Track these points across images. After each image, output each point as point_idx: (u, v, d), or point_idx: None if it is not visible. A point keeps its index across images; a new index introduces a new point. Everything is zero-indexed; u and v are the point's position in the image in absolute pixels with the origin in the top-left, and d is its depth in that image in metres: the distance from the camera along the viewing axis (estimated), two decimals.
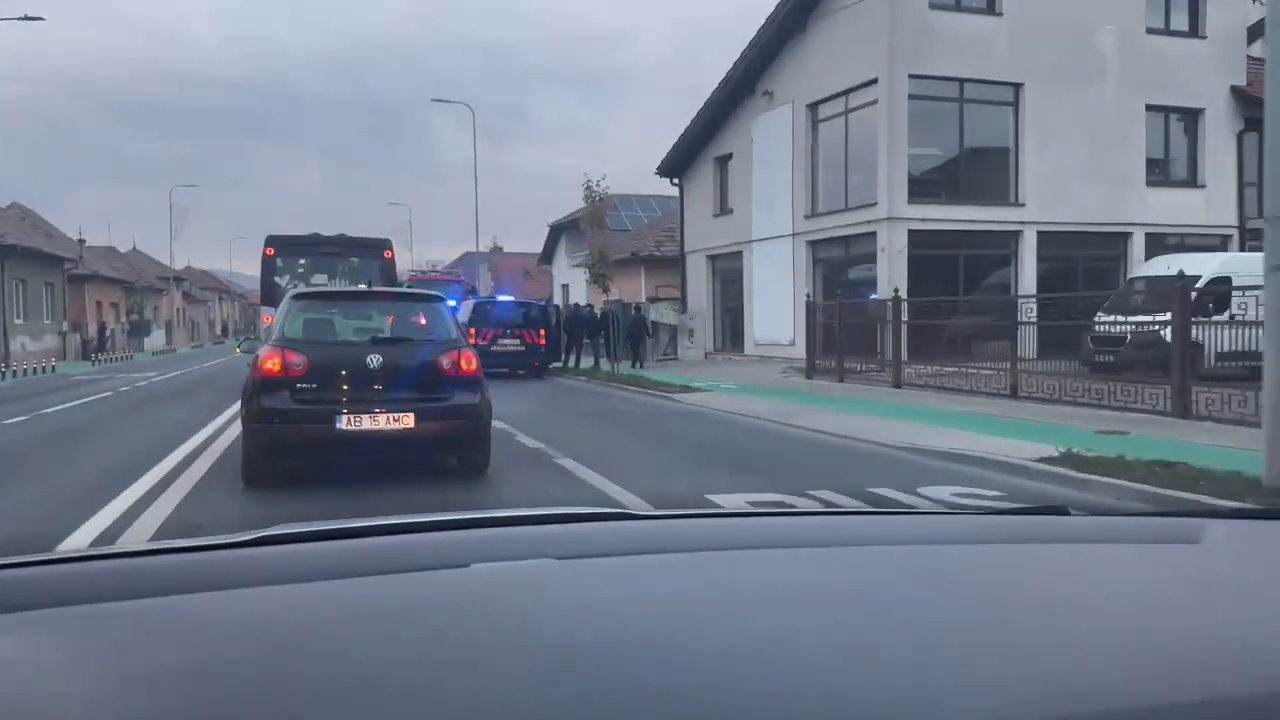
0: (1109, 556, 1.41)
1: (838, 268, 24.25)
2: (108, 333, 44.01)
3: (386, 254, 20.42)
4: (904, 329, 18.03)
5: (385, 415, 7.55)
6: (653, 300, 31.55)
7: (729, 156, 28.21)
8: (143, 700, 0.83)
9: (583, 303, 29.07)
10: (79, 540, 6.12)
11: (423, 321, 8.54)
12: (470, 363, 8.10)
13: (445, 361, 7.92)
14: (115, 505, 7.20)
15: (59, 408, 16.98)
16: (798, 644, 0.99)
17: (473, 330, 24.11)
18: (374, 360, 7.73)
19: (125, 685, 0.85)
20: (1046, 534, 1.57)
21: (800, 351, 24.46)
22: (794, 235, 24.84)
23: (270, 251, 19.96)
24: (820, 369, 20.81)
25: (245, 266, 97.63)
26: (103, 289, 52.39)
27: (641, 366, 27.44)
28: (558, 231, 49.24)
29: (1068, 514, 1.77)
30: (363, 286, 13.96)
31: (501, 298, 28.01)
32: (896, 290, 17.89)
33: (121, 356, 44.80)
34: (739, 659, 0.95)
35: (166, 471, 8.76)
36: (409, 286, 36.64)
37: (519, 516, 1.60)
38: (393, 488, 7.75)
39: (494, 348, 24.68)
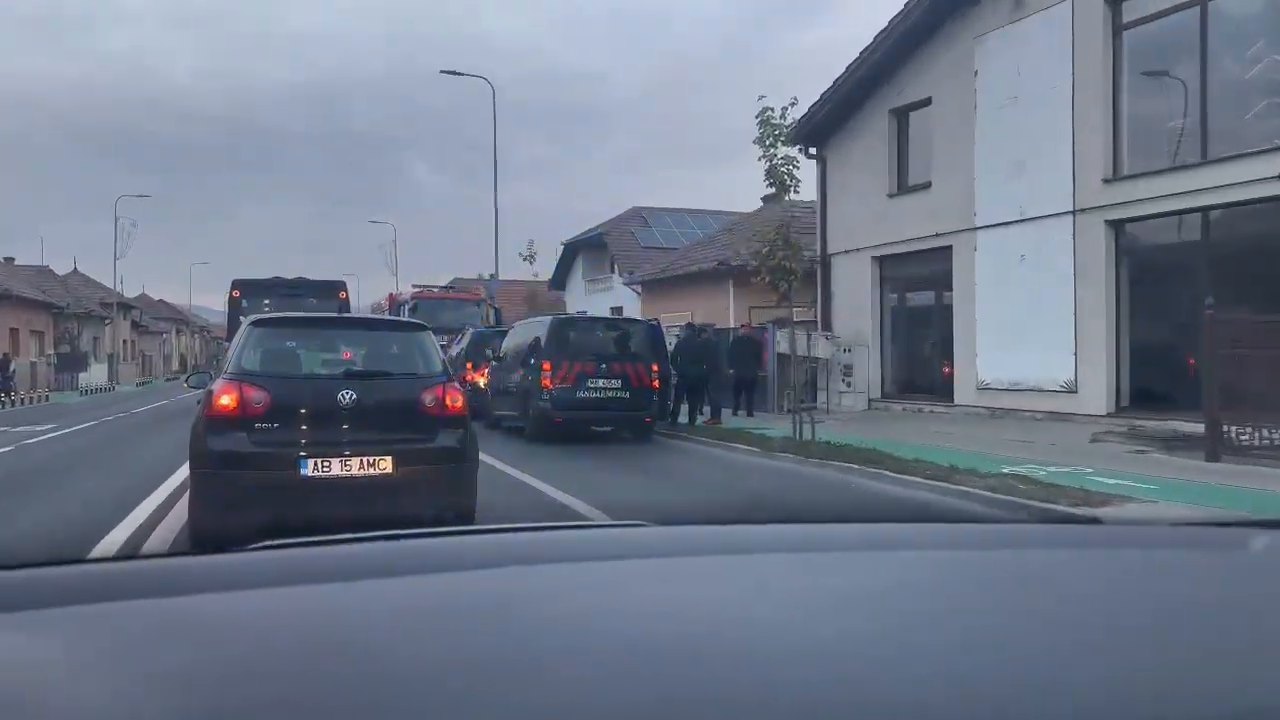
0: (1154, 564, 1.38)
1: (1176, 259, 14.76)
2: (12, 368, 33.73)
3: (341, 294, 21.48)
4: None
5: (359, 459, 6.66)
6: (779, 324, 22.00)
7: (922, 104, 18.81)
8: (144, 700, 0.82)
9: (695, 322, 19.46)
10: None
11: (402, 352, 7.58)
12: (456, 399, 7.22)
13: (429, 398, 7.07)
14: None
15: None
16: (841, 648, 0.98)
17: (547, 365, 14.72)
18: (346, 396, 6.81)
19: (129, 684, 0.84)
20: (1087, 541, 1.55)
21: (1091, 404, 14.91)
22: (1077, 213, 15.38)
23: (236, 293, 21.25)
24: (1234, 445, 11.25)
25: (208, 300, 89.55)
26: (21, 313, 42.28)
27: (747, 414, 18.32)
28: (573, 250, 41.62)
29: (1101, 523, 1.77)
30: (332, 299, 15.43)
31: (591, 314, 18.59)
32: None
33: (37, 397, 34.74)
34: (786, 663, 0.93)
35: None
36: (411, 307, 27.66)
37: (535, 526, 1.56)
38: None
39: (582, 393, 15.51)
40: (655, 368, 16.02)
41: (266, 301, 19.99)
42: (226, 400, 6.59)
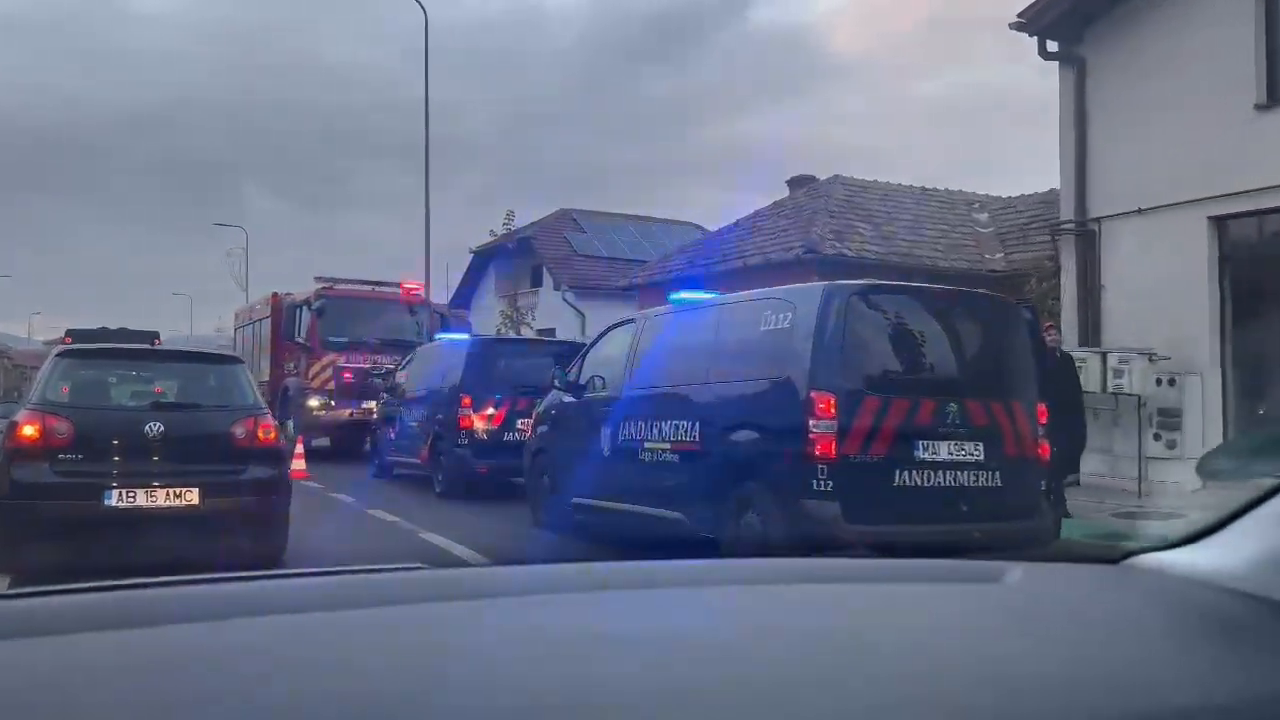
0: (908, 595, 1.38)
1: None
2: None
3: (156, 342, 21.26)
4: None
5: (165, 490, 6.62)
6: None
7: None
8: None
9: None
10: None
11: (214, 385, 7.63)
12: (268, 432, 7.17)
13: (239, 430, 7.05)
14: None
15: None
16: (619, 688, 0.96)
17: (827, 401, 5.08)
18: (154, 428, 6.78)
19: None
20: (841, 575, 1.54)
21: None
22: None
23: (69, 340, 20.85)
24: None
25: (12, 328, 75.55)
26: None
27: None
28: (484, 260, 33.71)
29: (864, 556, 1.80)
30: (145, 345, 14.83)
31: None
32: None
33: None
34: (537, 706, 0.91)
35: None
36: (318, 308, 18.57)
37: (320, 571, 1.44)
38: None
39: (906, 471, 6.02)
40: (1043, 411, 7.02)
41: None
42: (29, 430, 6.62)
